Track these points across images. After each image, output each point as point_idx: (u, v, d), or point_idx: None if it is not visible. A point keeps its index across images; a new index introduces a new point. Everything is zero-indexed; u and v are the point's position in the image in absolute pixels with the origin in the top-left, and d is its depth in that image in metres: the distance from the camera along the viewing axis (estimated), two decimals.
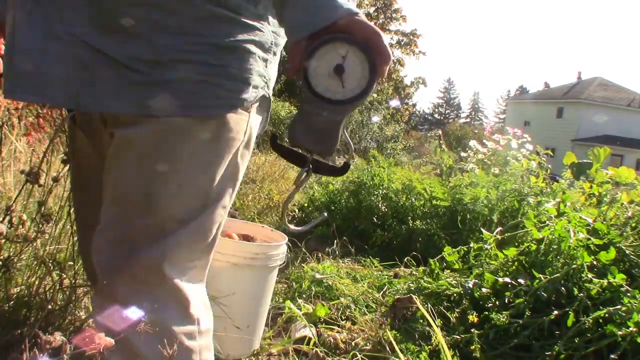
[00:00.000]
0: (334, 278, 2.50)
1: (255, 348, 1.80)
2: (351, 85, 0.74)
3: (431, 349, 1.80)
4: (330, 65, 0.73)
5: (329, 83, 0.74)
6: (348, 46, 0.72)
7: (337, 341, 1.92)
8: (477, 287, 2.08)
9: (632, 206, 2.57)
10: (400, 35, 23.81)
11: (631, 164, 21.73)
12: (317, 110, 0.75)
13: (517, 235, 2.55)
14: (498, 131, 8.15)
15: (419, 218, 3.66)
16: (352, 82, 0.73)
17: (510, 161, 4.96)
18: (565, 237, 2.10)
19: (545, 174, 3.79)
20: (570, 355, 1.70)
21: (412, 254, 3.01)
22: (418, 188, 3.89)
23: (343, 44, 0.73)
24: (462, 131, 35.31)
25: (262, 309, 1.80)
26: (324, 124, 0.76)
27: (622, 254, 2.09)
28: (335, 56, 0.73)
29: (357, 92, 0.74)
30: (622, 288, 1.84)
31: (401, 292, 2.30)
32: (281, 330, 2.00)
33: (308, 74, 0.74)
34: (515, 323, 1.83)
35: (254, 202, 4.01)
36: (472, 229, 3.40)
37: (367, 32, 0.72)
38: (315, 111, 0.75)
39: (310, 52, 0.73)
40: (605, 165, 3.21)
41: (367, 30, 0.72)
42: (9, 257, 1.30)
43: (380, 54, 0.73)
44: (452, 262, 2.42)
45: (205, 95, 0.77)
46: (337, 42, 0.73)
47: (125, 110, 0.76)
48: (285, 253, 1.80)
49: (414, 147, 19.26)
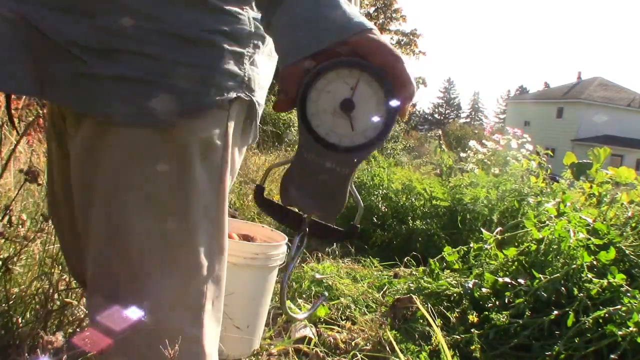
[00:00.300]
0: (334, 278, 2.50)
1: (255, 348, 1.80)
2: (362, 127, 0.56)
3: (431, 349, 1.80)
4: (336, 99, 0.56)
5: (334, 123, 0.56)
6: (359, 73, 0.55)
7: (337, 341, 1.92)
8: (477, 287, 2.08)
9: (632, 206, 2.57)
10: (400, 35, 23.83)
11: (631, 164, 21.73)
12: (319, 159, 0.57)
13: (517, 235, 2.55)
14: (498, 131, 8.15)
15: (419, 218, 3.66)
16: (364, 123, 0.56)
17: (510, 161, 4.97)
18: (565, 237, 2.10)
19: (545, 174, 3.80)
20: (570, 355, 1.70)
21: (412, 254, 3.01)
22: (418, 188, 3.89)
23: (353, 70, 0.55)
24: (462, 131, 35.31)
25: (262, 309, 1.80)
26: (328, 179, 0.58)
27: (622, 254, 2.09)
28: (342, 87, 0.56)
29: (370, 137, 0.56)
30: (622, 288, 1.84)
31: (401, 292, 2.30)
32: (281, 330, 2.00)
33: (307, 110, 0.56)
34: (515, 323, 1.83)
35: (254, 202, 4.01)
36: (472, 229, 3.40)
37: (385, 54, 0.55)
38: (315, 161, 0.58)
39: (310, 80, 0.56)
40: (605, 165, 3.21)
41: (384, 53, 0.55)
42: (8, 257, 1.30)
43: (402, 85, 0.55)
44: (452, 262, 2.42)
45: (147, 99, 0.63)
46: (344, 69, 0.55)
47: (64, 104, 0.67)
48: (285, 253, 1.80)
49: (414, 147, 19.23)
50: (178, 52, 0.63)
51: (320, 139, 0.57)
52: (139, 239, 0.65)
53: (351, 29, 0.55)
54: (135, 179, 0.65)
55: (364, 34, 0.55)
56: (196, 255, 0.68)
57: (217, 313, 0.74)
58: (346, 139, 0.56)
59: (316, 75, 0.56)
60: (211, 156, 0.69)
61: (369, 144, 0.56)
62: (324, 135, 0.57)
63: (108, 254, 0.67)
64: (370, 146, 0.56)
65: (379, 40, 0.55)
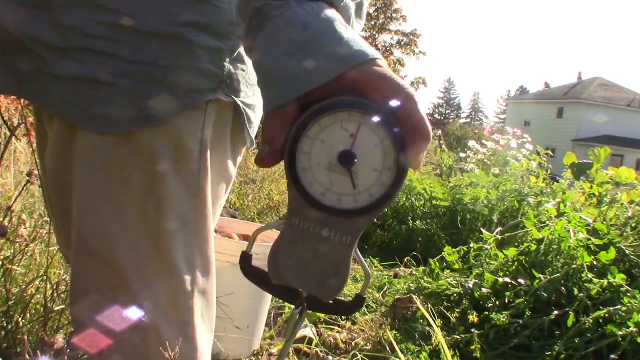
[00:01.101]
0: None
1: (255, 348, 1.80)
2: (365, 184, 0.44)
3: (431, 349, 1.80)
4: (332, 150, 0.44)
5: (330, 180, 0.45)
6: (360, 117, 0.44)
7: (337, 341, 1.92)
8: (477, 287, 2.08)
9: (632, 206, 2.57)
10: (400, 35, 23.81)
11: (631, 164, 21.75)
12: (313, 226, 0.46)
13: (517, 235, 2.55)
14: (498, 131, 8.16)
15: (419, 218, 3.66)
16: (367, 178, 0.44)
17: (510, 161, 4.98)
18: (565, 237, 2.10)
19: (545, 174, 3.80)
20: (570, 355, 1.71)
21: (412, 254, 3.01)
22: (418, 188, 3.89)
23: (353, 113, 0.44)
24: (462, 131, 35.35)
25: (262, 309, 1.80)
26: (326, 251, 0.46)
27: (622, 254, 2.10)
28: (339, 134, 0.44)
29: (377, 197, 0.44)
30: (622, 288, 1.84)
31: (401, 292, 2.30)
32: (281, 330, 2.00)
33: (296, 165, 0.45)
34: (515, 323, 1.83)
35: (254, 202, 4.01)
36: (472, 229, 3.41)
37: (391, 91, 0.42)
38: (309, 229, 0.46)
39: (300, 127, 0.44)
40: (605, 165, 3.21)
41: (390, 89, 0.42)
42: (9, 257, 1.30)
43: (414, 129, 0.43)
44: (452, 262, 2.43)
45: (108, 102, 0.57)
46: (342, 111, 0.44)
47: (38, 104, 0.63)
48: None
49: None
50: (141, 49, 0.57)
51: (315, 201, 0.45)
52: (115, 252, 0.61)
53: (350, 61, 0.43)
54: (105, 189, 0.60)
55: (365, 66, 0.43)
56: (176, 268, 0.62)
57: (209, 324, 0.70)
58: (347, 198, 0.45)
59: (308, 119, 0.44)
60: (185, 163, 0.62)
61: (376, 204, 0.45)
62: (318, 197, 0.45)
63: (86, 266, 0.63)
64: (378, 207, 0.45)
65: (384, 74, 0.43)
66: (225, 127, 0.68)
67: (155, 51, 0.58)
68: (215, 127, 0.65)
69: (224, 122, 0.67)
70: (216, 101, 0.63)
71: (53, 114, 0.62)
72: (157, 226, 0.61)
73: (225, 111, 0.66)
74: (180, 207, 0.62)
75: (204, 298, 0.67)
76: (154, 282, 0.62)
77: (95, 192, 0.61)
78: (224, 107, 0.65)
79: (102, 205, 0.61)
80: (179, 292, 0.63)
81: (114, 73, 0.57)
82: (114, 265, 0.61)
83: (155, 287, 0.62)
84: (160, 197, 0.61)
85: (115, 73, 0.57)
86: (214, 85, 0.62)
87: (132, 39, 0.57)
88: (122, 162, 0.60)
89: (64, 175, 0.62)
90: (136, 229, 0.61)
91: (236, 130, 0.70)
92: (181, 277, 0.63)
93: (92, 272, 0.63)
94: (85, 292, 0.63)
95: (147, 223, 0.61)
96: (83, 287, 0.64)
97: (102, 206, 0.61)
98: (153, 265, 0.62)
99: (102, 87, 0.57)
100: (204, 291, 0.67)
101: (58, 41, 0.56)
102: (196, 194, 0.64)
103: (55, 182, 0.66)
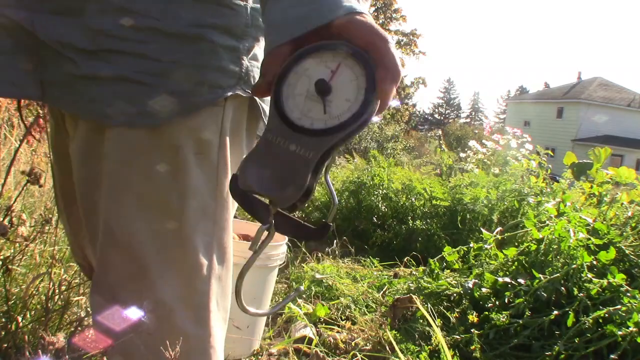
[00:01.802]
0: (333, 278, 2.50)
1: (255, 348, 1.80)
2: (337, 111, 0.51)
3: (431, 349, 1.80)
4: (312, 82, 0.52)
5: (307, 107, 0.53)
6: (343, 57, 0.52)
7: (337, 341, 1.92)
8: (477, 287, 2.08)
9: (632, 206, 2.57)
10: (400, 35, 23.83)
11: (631, 164, 21.76)
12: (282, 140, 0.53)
13: (517, 235, 2.55)
14: (498, 131, 8.16)
15: (419, 218, 3.66)
16: (340, 106, 0.52)
17: (510, 161, 4.98)
18: (565, 237, 2.10)
19: (545, 174, 3.79)
20: (570, 355, 1.71)
21: (412, 254, 3.01)
22: (418, 188, 3.89)
23: (336, 53, 0.52)
24: (462, 131, 35.32)
25: (262, 308, 1.80)
26: (287, 160, 0.53)
27: (622, 254, 2.09)
28: (322, 70, 0.52)
29: (343, 119, 0.51)
30: (622, 288, 1.84)
31: (401, 292, 2.30)
32: (281, 330, 2.01)
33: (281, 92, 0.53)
34: (515, 323, 1.83)
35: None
36: (472, 229, 3.41)
37: (370, 36, 0.51)
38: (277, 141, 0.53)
39: (290, 63, 0.53)
40: (605, 165, 3.21)
41: (369, 34, 0.51)
42: (9, 257, 1.30)
43: (384, 66, 0.50)
44: (452, 262, 2.43)
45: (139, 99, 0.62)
46: (328, 52, 0.52)
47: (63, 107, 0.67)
48: (285, 253, 1.80)
49: (414, 147, 19.24)
50: (167, 49, 0.62)
51: (291, 123, 0.53)
52: (137, 240, 0.65)
53: (339, 11, 0.52)
54: (131, 181, 0.65)
55: (351, 16, 0.52)
56: (195, 255, 0.67)
57: (224, 313, 0.74)
58: (319, 123, 0.52)
59: (297, 58, 0.53)
60: (207, 155, 0.68)
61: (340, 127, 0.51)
62: (295, 120, 0.52)
63: (109, 256, 0.67)
64: (341, 129, 0.51)
65: (364, 22, 0.52)
66: (242, 121, 0.74)
67: (181, 51, 0.63)
68: (232, 120, 0.71)
69: (240, 115, 0.72)
70: (235, 97, 0.69)
71: (76, 115, 0.66)
72: (179, 216, 0.66)
73: (242, 106, 0.72)
74: (202, 198, 0.68)
75: (220, 285, 0.71)
76: (172, 268, 0.67)
77: (121, 183, 0.65)
78: (242, 102, 0.71)
79: (126, 195, 0.65)
80: (196, 276, 0.68)
81: (141, 72, 0.61)
82: (135, 253, 0.65)
83: (173, 272, 0.67)
84: (183, 187, 0.66)
85: (143, 72, 0.61)
86: (234, 82, 0.68)
87: (158, 41, 0.62)
88: (148, 154, 0.65)
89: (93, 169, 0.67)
90: (159, 217, 0.66)
91: (251, 123, 0.76)
92: (199, 262, 0.68)
93: (115, 260, 0.67)
94: (105, 279, 0.68)
95: (169, 212, 0.66)
96: (104, 274, 0.68)
97: (126, 196, 0.65)
98: (173, 253, 0.67)
99: (131, 85, 0.62)
100: (219, 278, 0.71)
101: (88, 44, 0.61)
102: (216, 185, 0.69)
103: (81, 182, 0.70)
